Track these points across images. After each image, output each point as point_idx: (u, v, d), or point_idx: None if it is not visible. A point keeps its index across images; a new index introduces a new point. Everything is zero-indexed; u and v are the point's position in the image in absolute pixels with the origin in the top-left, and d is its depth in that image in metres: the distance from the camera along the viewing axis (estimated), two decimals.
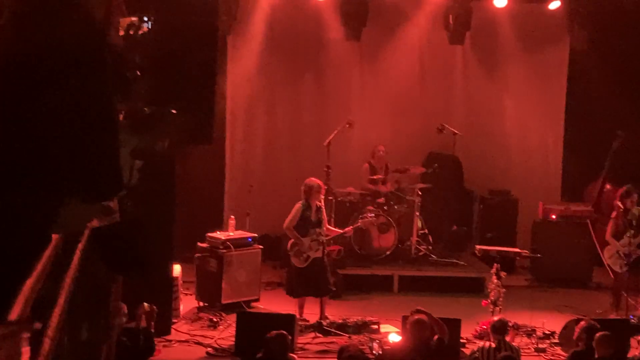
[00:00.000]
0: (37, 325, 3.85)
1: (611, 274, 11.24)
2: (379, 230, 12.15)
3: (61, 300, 4.11)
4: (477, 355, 8.33)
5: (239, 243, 10.81)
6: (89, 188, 3.66)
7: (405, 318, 9.08)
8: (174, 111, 4.45)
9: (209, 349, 9.35)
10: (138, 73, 4.33)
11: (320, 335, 9.87)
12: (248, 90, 13.50)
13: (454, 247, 13.23)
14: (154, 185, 8.30)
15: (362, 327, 9.85)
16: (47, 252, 3.80)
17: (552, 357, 9.36)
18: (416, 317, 8.37)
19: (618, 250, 10.94)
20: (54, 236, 3.83)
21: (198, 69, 7.83)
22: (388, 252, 12.23)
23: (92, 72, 3.60)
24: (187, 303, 10.71)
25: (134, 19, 4.58)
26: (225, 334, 9.75)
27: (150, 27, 4.73)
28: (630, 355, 9.11)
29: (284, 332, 8.11)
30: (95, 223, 3.98)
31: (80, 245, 4.10)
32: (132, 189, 4.11)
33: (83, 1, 3.67)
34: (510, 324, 8.85)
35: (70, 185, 3.61)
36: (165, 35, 5.49)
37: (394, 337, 9.44)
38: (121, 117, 4.25)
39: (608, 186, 13.14)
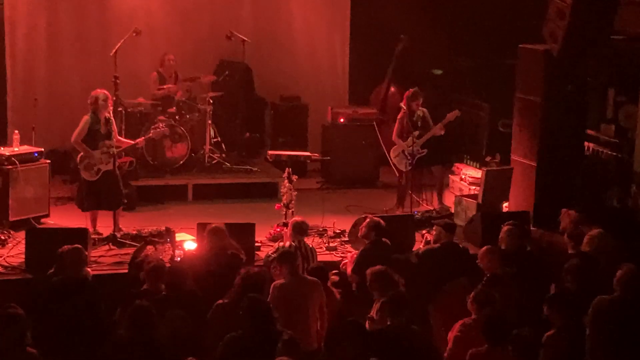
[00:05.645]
0: None
1: (397, 173, 11.75)
2: (172, 140, 12.05)
3: None
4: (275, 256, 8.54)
5: (24, 158, 10.42)
6: None
7: (201, 226, 9.16)
8: None
9: None
10: None
11: (115, 247, 9.79)
12: None
13: (247, 153, 13.36)
14: None
15: (157, 237, 9.83)
16: None
17: (342, 255, 9.74)
18: (213, 225, 8.51)
19: (403, 150, 11.43)
20: None
21: None
22: (181, 162, 12.18)
23: None
24: None
25: None
26: (15, 251, 9.46)
27: None
28: (414, 248, 9.69)
29: (77, 245, 7.99)
30: None
31: None
32: None
33: None
34: None
35: None
36: None
37: (190, 244, 9.50)
38: None
39: (392, 89, 13.61)
